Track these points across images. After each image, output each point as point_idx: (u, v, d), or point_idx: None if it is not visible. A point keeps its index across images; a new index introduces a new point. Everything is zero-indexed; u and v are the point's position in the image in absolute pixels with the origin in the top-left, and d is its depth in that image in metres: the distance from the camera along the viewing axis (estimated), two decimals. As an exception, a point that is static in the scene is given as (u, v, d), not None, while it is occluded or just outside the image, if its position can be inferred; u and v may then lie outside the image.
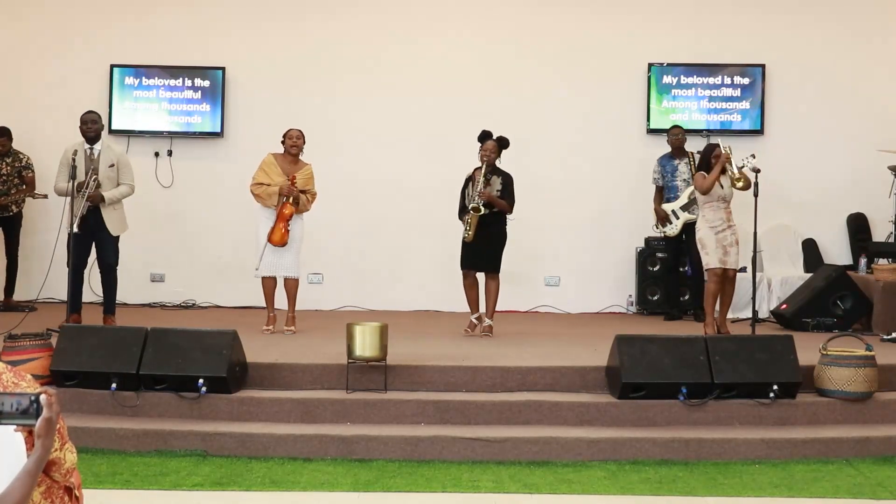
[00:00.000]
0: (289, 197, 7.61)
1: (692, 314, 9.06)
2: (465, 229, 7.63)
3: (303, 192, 7.69)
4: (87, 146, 7.61)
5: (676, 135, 9.16)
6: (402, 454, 5.45)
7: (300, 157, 7.83)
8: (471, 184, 7.68)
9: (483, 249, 7.67)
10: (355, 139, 9.92)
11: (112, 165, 7.62)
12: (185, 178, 9.94)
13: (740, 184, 7.43)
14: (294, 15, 10.00)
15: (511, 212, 7.71)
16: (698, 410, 5.87)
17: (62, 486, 2.66)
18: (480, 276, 7.85)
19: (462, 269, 7.82)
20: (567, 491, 4.96)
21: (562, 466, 5.36)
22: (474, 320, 7.87)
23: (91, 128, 7.61)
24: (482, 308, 7.84)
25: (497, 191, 7.63)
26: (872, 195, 9.63)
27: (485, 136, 7.68)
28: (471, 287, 7.84)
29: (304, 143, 7.82)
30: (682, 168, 9.05)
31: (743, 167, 7.49)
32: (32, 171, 9.16)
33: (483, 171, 7.60)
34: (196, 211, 9.93)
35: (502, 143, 7.69)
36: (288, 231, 7.65)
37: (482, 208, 7.53)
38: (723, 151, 7.49)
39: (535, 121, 9.89)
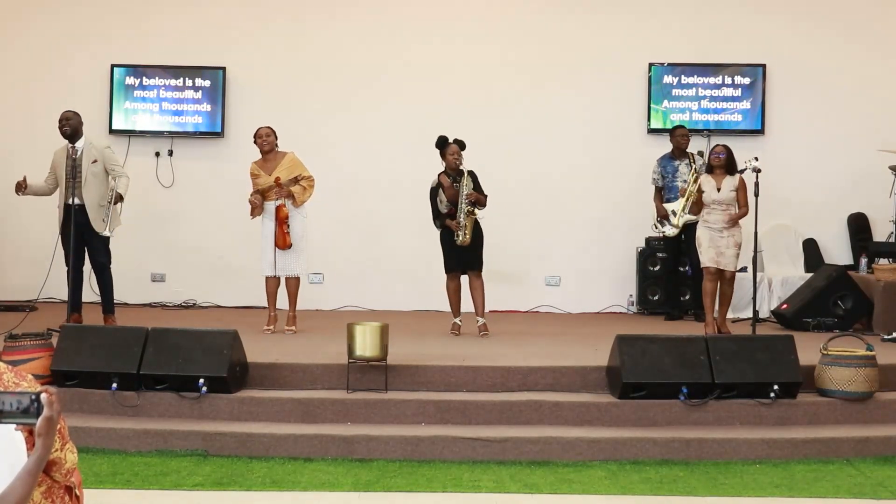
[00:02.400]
0: (279, 198, 7.62)
1: (693, 314, 9.06)
2: (462, 233, 7.62)
3: (295, 180, 7.68)
4: (69, 146, 7.59)
5: (682, 136, 9.13)
6: (402, 454, 5.45)
7: (277, 150, 7.81)
8: (441, 190, 7.71)
9: (469, 249, 7.71)
10: (356, 138, 9.92)
11: (95, 162, 7.58)
12: (186, 177, 9.94)
13: (689, 207, 7.89)
14: (294, 15, 10.00)
15: (485, 205, 7.78)
16: (699, 410, 5.88)
17: (63, 486, 2.66)
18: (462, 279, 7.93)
19: (450, 272, 7.86)
20: (567, 491, 4.96)
21: (562, 466, 5.36)
22: (459, 322, 7.92)
23: (64, 125, 7.55)
24: (464, 309, 7.90)
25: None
26: (873, 195, 9.63)
27: (445, 141, 7.74)
28: (456, 290, 7.90)
29: (276, 136, 7.80)
30: (683, 168, 9.03)
31: (745, 169, 7.51)
32: None
33: (466, 172, 7.64)
34: (196, 211, 9.93)
35: (462, 144, 7.76)
36: (288, 232, 7.66)
37: (476, 210, 7.62)
38: (687, 188, 7.90)
39: (536, 121, 9.90)
